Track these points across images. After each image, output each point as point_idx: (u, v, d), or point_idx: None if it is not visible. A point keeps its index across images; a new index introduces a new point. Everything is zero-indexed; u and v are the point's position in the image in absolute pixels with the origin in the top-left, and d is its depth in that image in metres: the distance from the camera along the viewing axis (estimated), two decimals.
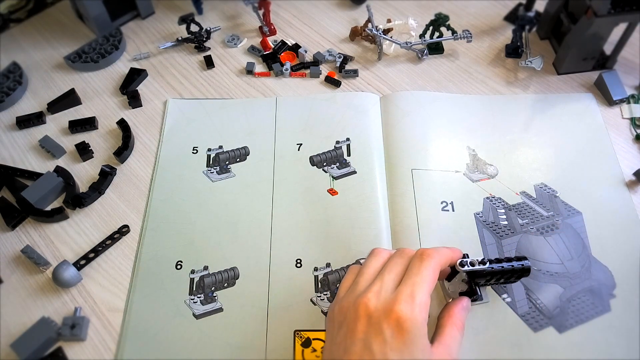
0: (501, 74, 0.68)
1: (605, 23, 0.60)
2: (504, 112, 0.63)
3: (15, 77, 0.68)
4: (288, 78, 0.68)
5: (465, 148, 0.60)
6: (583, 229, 0.54)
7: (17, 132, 0.65)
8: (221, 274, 0.52)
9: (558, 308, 0.49)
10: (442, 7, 0.75)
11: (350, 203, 0.56)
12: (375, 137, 0.61)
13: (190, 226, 0.55)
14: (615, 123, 0.62)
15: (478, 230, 0.54)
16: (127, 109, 0.66)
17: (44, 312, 0.50)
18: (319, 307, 0.50)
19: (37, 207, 0.56)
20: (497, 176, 0.58)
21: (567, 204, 0.56)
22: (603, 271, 0.51)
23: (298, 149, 0.61)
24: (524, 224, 0.54)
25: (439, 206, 0.55)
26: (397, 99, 0.64)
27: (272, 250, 0.53)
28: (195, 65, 0.71)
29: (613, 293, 0.50)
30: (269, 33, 0.74)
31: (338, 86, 0.67)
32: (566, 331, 0.48)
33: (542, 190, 0.57)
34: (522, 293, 0.50)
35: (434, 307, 0.48)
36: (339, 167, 0.59)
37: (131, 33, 0.75)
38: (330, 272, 0.51)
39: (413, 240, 0.53)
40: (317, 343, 0.48)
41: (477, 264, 0.44)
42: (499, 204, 0.56)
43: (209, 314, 0.50)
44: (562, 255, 0.52)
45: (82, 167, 0.61)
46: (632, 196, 0.56)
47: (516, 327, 0.48)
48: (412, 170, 0.58)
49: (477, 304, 0.48)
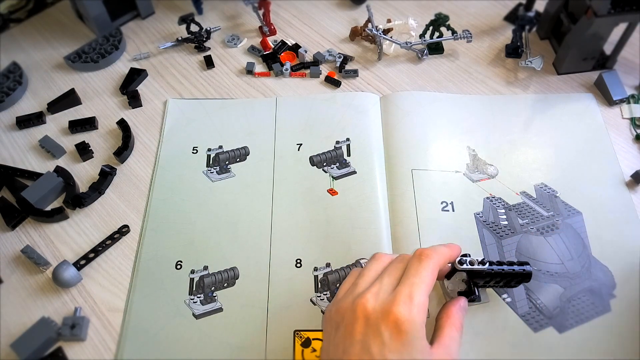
0: (501, 74, 0.68)
1: (605, 23, 0.60)
2: (504, 112, 0.63)
3: (15, 77, 0.68)
4: (288, 78, 0.68)
5: (465, 148, 0.60)
6: (583, 229, 0.54)
7: (17, 132, 0.65)
8: (221, 274, 0.52)
9: (558, 308, 0.49)
10: (442, 7, 0.75)
11: (350, 203, 0.56)
12: (375, 138, 0.61)
13: (190, 226, 0.55)
14: (615, 123, 0.62)
15: (478, 230, 0.54)
16: (127, 109, 0.66)
17: (44, 312, 0.50)
18: (318, 307, 0.50)
19: (37, 207, 0.56)
20: (497, 176, 0.58)
21: (567, 204, 0.56)
22: (603, 271, 0.51)
23: (298, 149, 0.60)
24: (524, 224, 0.54)
25: (439, 206, 0.55)
26: (397, 99, 0.64)
27: (272, 250, 0.53)
28: (195, 65, 0.71)
29: (613, 293, 0.50)
30: (269, 33, 0.74)
31: (338, 86, 0.67)
32: (566, 331, 0.48)
33: (542, 190, 0.57)
34: (522, 293, 0.50)
35: (434, 307, 0.48)
36: (339, 167, 0.59)
37: (131, 33, 0.75)
38: (330, 272, 0.51)
39: (413, 240, 0.53)
40: (316, 343, 0.48)
41: (476, 264, 0.44)
42: (499, 204, 0.56)
43: (209, 314, 0.50)
44: (562, 255, 0.52)
45: (82, 167, 0.61)
46: (632, 196, 0.56)
47: (516, 327, 0.48)
48: (412, 171, 0.58)
49: (475, 304, 0.48)
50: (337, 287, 0.50)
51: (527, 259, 0.52)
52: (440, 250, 0.43)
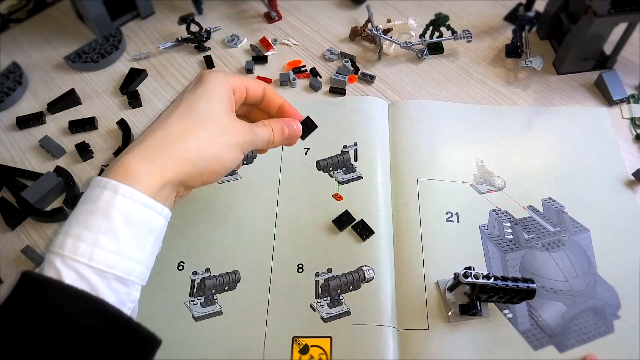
0: (501, 74, 0.68)
1: (605, 23, 0.60)
2: (514, 124, 0.62)
3: (15, 77, 0.68)
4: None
5: (473, 159, 0.59)
6: (590, 247, 0.53)
7: (17, 132, 0.65)
8: (222, 277, 0.52)
9: (560, 326, 0.48)
10: (442, 7, 0.75)
11: (354, 209, 0.55)
12: (382, 144, 0.60)
13: (194, 227, 0.55)
14: (615, 123, 0.62)
15: (482, 243, 0.53)
16: (127, 109, 0.66)
17: None
18: (318, 314, 0.49)
19: (37, 207, 0.56)
20: (505, 189, 0.57)
21: (575, 220, 0.54)
22: (608, 291, 0.50)
23: (305, 153, 0.60)
24: (530, 239, 0.53)
25: (443, 216, 0.55)
26: (405, 107, 0.64)
27: (275, 254, 0.53)
28: (195, 65, 0.71)
29: (617, 314, 0.49)
30: (277, 18, 0.74)
31: (343, 95, 0.66)
32: (567, 350, 0.47)
33: (550, 204, 0.56)
34: (524, 309, 0.49)
35: (432, 305, 0.48)
36: (346, 172, 0.58)
37: (131, 33, 0.75)
38: (332, 277, 0.51)
39: (416, 249, 0.52)
40: (315, 350, 0.47)
41: (481, 278, 0.44)
42: (505, 217, 0.55)
43: (209, 317, 0.50)
44: (567, 272, 0.51)
45: (82, 167, 0.61)
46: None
47: (516, 344, 0.47)
48: (418, 180, 0.57)
49: (476, 318, 0.48)
50: (338, 293, 0.50)
51: (531, 274, 0.51)
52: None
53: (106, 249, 0.35)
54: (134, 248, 0.36)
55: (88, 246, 0.34)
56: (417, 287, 0.50)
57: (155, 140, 0.38)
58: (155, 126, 0.40)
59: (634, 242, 0.53)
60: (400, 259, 0.52)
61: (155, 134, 0.39)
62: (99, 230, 0.35)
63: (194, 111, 0.40)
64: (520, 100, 0.65)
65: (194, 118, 0.40)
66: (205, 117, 0.40)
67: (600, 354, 0.46)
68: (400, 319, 0.49)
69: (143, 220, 0.37)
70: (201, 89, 0.41)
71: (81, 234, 0.35)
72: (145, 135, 0.39)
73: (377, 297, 0.49)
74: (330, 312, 0.49)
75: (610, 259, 0.52)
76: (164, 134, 0.39)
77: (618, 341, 0.47)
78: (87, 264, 0.34)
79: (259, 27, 0.75)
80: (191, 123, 0.39)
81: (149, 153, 0.38)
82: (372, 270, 0.51)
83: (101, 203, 0.35)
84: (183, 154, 0.38)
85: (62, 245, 0.34)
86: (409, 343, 0.47)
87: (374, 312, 0.48)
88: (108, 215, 0.35)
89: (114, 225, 0.35)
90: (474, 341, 0.47)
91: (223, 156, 0.41)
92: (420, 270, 0.51)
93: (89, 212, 0.36)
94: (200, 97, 0.41)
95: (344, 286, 0.50)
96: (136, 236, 0.37)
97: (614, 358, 0.46)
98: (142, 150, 0.38)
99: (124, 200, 0.36)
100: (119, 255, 0.35)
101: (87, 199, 0.36)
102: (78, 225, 0.35)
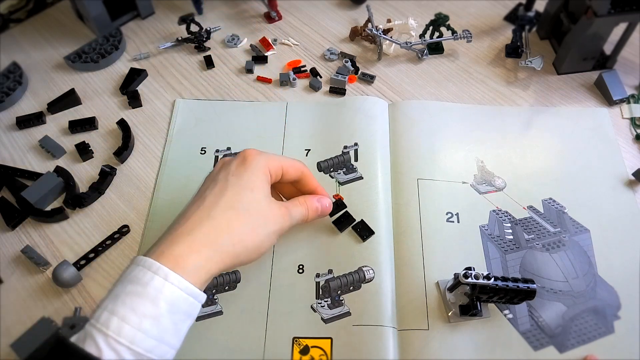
0: (501, 74, 0.68)
1: (605, 23, 0.60)
2: (514, 124, 0.62)
3: (15, 77, 0.68)
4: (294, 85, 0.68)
5: (473, 159, 0.59)
6: (590, 247, 0.53)
7: (17, 132, 0.65)
8: (223, 277, 0.51)
9: (560, 327, 0.48)
10: (442, 7, 0.75)
11: (354, 209, 0.55)
12: (382, 145, 0.60)
13: None
14: (615, 123, 0.62)
15: (483, 243, 0.53)
16: (127, 109, 0.66)
17: (44, 312, 0.50)
18: (318, 314, 0.49)
19: (37, 207, 0.56)
20: (505, 189, 0.57)
21: (575, 221, 0.54)
22: (608, 291, 0.50)
23: (306, 154, 0.60)
24: (530, 239, 0.53)
25: (444, 217, 0.55)
26: (405, 107, 0.64)
27: (275, 255, 0.53)
28: (195, 65, 0.71)
29: (618, 314, 0.49)
30: (277, 18, 0.74)
31: (343, 95, 0.66)
32: (567, 351, 0.47)
33: (550, 205, 0.56)
34: (524, 310, 0.49)
35: (432, 305, 0.48)
36: (346, 172, 0.58)
37: (131, 33, 0.75)
38: (332, 278, 0.51)
39: (416, 249, 0.52)
40: (315, 351, 0.47)
41: (481, 278, 0.44)
42: (505, 218, 0.55)
43: (209, 317, 0.50)
44: (567, 272, 0.51)
45: (82, 167, 0.61)
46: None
47: (516, 345, 0.47)
48: (418, 180, 0.57)
49: (476, 319, 0.48)
50: (338, 294, 0.50)
51: (531, 275, 0.51)
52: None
53: (148, 333, 0.36)
54: (171, 334, 0.38)
55: (132, 329, 0.36)
56: (417, 288, 0.50)
57: (202, 232, 0.41)
58: (203, 213, 0.42)
59: (634, 242, 0.53)
60: (401, 259, 0.52)
61: (203, 225, 0.41)
62: (144, 315, 0.37)
63: (239, 202, 0.43)
64: (520, 100, 0.65)
65: (239, 209, 0.42)
66: (249, 208, 0.43)
67: (601, 354, 0.46)
68: (401, 319, 0.49)
69: (185, 309, 0.39)
70: (245, 178, 0.44)
71: (126, 316, 0.36)
72: (194, 224, 0.41)
73: (378, 298, 0.49)
74: (331, 313, 0.49)
75: (611, 260, 0.52)
76: (211, 226, 0.41)
77: (618, 342, 0.47)
78: (128, 346, 0.35)
79: (259, 27, 0.75)
80: (236, 215, 0.42)
81: (197, 245, 0.40)
82: (372, 271, 0.51)
83: (150, 289, 0.37)
84: (227, 247, 0.41)
85: (106, 324, 0.36)
86: (409, 343, 0.47)
87: (374, 313, 0.48)
88: (155, 302, 0.37)
89: (159, 312, 0.37)
90: (474, 341, 0.47)
91: (262, 245, 0.44)
92: (421, 270, 0.51)
93: (137, 294, 0.37)
94: (245, 187, 0.43)
95: (344, 287, 0.50)
96: (175, 322, 0.38)
97: (614, 358, 0.46)
98: (191, 243, 0.40)
99: (172, 288, 0.38)
100: (158, 340, 0.37)
101: (134, 280, 0.38)
102: (124, 306, 0.37)
